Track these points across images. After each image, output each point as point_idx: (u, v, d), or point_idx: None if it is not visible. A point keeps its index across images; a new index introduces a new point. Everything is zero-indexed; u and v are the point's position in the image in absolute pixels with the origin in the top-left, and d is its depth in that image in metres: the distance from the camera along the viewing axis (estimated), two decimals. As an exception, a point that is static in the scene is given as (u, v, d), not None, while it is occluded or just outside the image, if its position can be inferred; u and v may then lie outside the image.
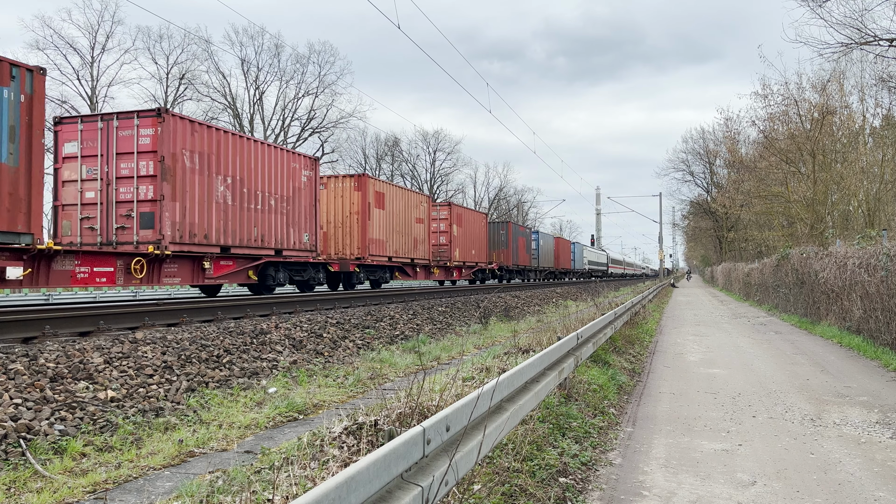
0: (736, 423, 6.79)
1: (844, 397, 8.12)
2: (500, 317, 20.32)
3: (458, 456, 3.46)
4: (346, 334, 12.71)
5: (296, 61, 74.31)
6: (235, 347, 9.78)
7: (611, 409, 7.37)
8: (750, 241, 46.00)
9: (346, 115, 61.74)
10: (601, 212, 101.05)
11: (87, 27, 47.43)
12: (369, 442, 4.42)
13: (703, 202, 62.25)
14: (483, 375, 7.20)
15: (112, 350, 8.16)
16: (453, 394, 5.43)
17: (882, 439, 6.13)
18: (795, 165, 30.48)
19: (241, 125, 53.50)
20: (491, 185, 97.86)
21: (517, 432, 5.32)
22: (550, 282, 48.60)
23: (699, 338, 15.29)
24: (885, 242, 13.34)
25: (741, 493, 4.69)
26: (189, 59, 53.13)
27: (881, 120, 28.76)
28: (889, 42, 17.96)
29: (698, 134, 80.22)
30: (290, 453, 4.82)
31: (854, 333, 14.01)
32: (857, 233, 21.15)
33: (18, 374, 6.75)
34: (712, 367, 10.64)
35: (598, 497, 4.69)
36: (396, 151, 74.47)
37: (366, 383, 9.10)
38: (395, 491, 2.90)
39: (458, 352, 12.28)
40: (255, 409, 7.48)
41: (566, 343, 7.03)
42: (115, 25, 55.59)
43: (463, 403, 3.70)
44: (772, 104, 31.20)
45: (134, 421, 6.52)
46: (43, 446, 5.62)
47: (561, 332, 9.18)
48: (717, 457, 5.61)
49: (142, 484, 5.01)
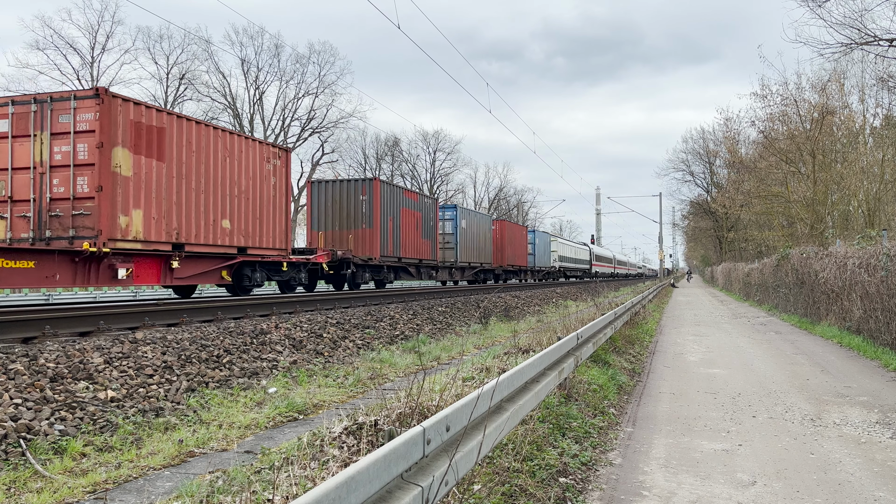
0: (736, 423, 6.79)
1: (844, 397, 8.12)
2: (500, 317, 20.32)
3: (458, 456, 3.46)
4: (346, 334, 12.71)
5: (296, 61, 74.24)
6: (235, 347, 9.78)
7: (611, 409, 7.37)
8: (750, 241, 46.03)
9: (346, 116, 61.80)
10: (601, 212, 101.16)
11: (87, 27, 47.47)
12: (369, 442, 4.41)
13: (703, 202, 62.28)
14: (483, 375, 7.20)
15: (112, 350, 8.16)
16: (453, 394, 5.43)
17: (882, 439, 6.13)
18: (795, 165, 30.48)
19: (242, 125, 53.52)
20: (491, 185, 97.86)
21: (517, 432, 5.32)
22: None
23: (699, 338, 15.29)
24: (885, 242, 13.34)
25: (741, 493, 4.69)
26: (189, 59, 52.99)
27: (881, 120, 28.78)
28: (889, 42, 17.97)
29: (698, 134, 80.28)
30: (290, 453, 4.82)
31: (854, 333, 14.00)
32: (857, 233, 21.16)
33: (18, 374, 6.75)
34: (712, 367, 10.64)
35: (598, 497, 4.69)
36: (396, 151, 74.48)
37: (366, 383, 9.10)
38: (396, 491, 2.90)
39: (458, 352, 12.28)
40: (255, 409, 7.48)
41: (566, 343, 7.03)
42: (115, 25, 55.64)
43: (463, 403, 3.70)
44: (771, 104, 31.25)
45: (134, 421, 6.52)
46: (43, 446, 5.62)
47: (561, 332, 9.18)
48: (717, 457, 5.61)
49: (142, 484, 5.01)
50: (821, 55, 29.69)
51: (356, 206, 22.58)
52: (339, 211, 22.72)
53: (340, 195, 22.85)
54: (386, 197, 23.47)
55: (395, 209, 24.13)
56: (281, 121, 57.13)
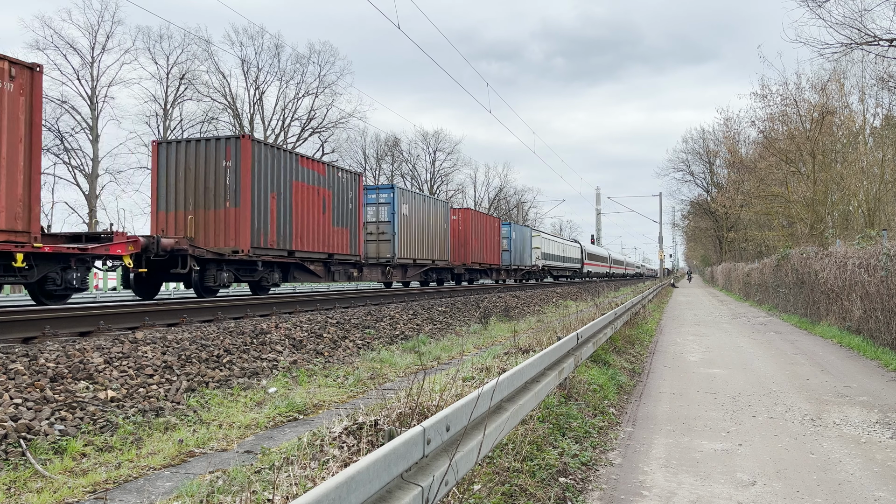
0: (736, 423, 6.79)
1: (844, 397, 8.12)
2: (500, 317, 20.33)
3: (458, 456, 3.46)
4: (346, 334, 12.71)
5: (296, 61, 74.26)
6: (235, 347, 9.79)
7: (611, 409, 7.37)
8: (750, 241, 46.05)
9: (346, 116, 61.64)
10: (601, 212, 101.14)
11: (87, 27, 47.37)
12: (369, 442, 4.42)
13: (703, 202, 62.31)
14: (483, 375, 7.20)
15: (112, 350, 8.16)
16: (453, 394, 5.43)
17: (882, 439, 6.13)
18: (795, 165, 30.49)
19: (242, 125, 53.52)
20: (491, 185, 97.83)
21: (517, 432, 5.32)
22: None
23: (699, 338, 15.29)
24: (885, 242, 13.34)
25: (741, 493, 4.69)
26: (189, 60, 52.95)
27: (881, 120, 28.79)
28: (889, 42, 17.98)
29: (698, 134, 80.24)
30: (291, 453, 4.82)
31: (854, 333, 14.00)
32: (857, 233, 21.15)
33: (18, 374, 6.75)
34: (712, 367, 10.64)
35: (598, 497, 4.69)
36: (396, 151, 74.48)
37: (366, 383, 9.10)
38: (396, 491, 2.90)
39: (458, 352, 12.28)
40: (256, 409, 7.48)
41: (566, 343, 7.03)
42: (115, 25, 55.52)
43: (463, 403, 3.70)
44: (771, 104, 31.27)
45: (134, 421, 6.52)
46: (43, 446, 5.62)
47: (561, 332, 9.18)
48: (717, 457, 5.61)
49: (142, 484, 5.01)
50: (821, 55, 29.69)
51: (218, 176, 16.03)
52: (196, 183, 16.21)
53: (197, 161, 16.21)
54: (265, 164, 16.50)
55: (281, 182, 17.21)
56: (281, 121, 57.15)
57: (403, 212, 24.97)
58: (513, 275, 41.36)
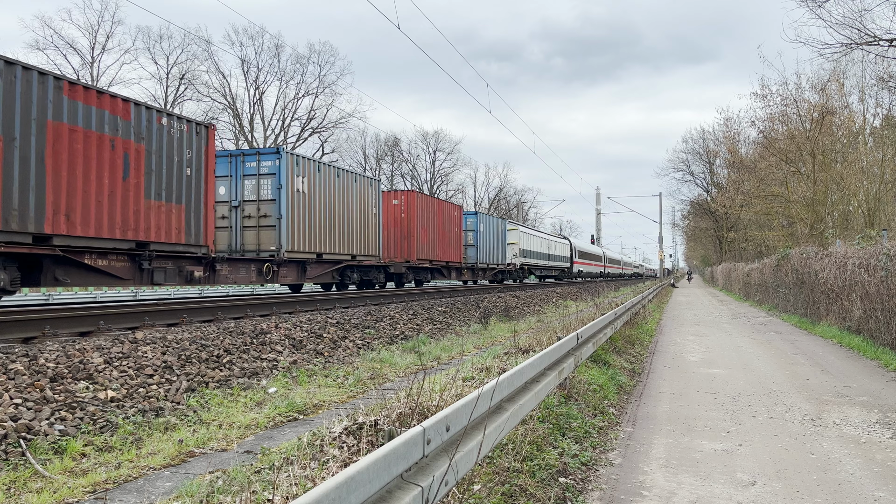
0: (736, 423, 6.79)
1: (844, 397, 8.12)
2: (500, 317, 20.32)
3: (458, 456, 3.46)
4: (346, 334, 12.71)
5: (296, 61, 74.40)
6: (235, 347, 9.79)
7: (611, 409, 7.37)
8: (750, 241, 46.04)
9: (346, 116, 61.82)
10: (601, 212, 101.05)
11: (87, 27, 47.52)
12: (369, 442, 4.41)
13: (703, 202, 62.33)
14: (483, 375, 7.20)
15: (112, 350, 8.15)
16: (453, 394, 5.43)
17: (882, 439, 6.13)
18: (795, 165, 30.49)
19: (241, 125, 53.54)
20: (491, 185, 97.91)
21: (517, 432, 5.32)
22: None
23: (699, 338, 15.29)
24: (885, 242, 13.34)
25: (741, 493, 4.69)
26: (189, 59, 53.14)
27: (881, 120, 28.78)
28: (889, 42, 17.98)
29: (698, 134, 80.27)
30: (290, 453, 4.82)
31: (854, 333, 14.01)
32: (857, 233, 21.16)
33: (18, 374, 6.75)
34: (712, 367, 10.64)
35: (598, 497, 4.69)
36: (396, 151, 74.49)
37: (366, 383, 9.10)
38: (395, 491, 2.89)
39: (458, 352, 12.28)
40: (255, 409, 7.48)
41: (566, 343, 7.03)
42: (115, 25, 55.62)
43: (463, 403, 3.70)
44: (771, 104, 31.27)
45: (134, 421, 6.52)
46: (43, 446, 5.62)
47: (561, 332, 9.18)
48: (717, 457, 5.61)
49: (142, 484, 5.01)
50: (821, 55, 29.62)
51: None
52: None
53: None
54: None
55: (18, 120, 9.74)
56: (281, 121, 57.16)
57: (298, 187, 17.81)
58: (481, 275, 34.52)
